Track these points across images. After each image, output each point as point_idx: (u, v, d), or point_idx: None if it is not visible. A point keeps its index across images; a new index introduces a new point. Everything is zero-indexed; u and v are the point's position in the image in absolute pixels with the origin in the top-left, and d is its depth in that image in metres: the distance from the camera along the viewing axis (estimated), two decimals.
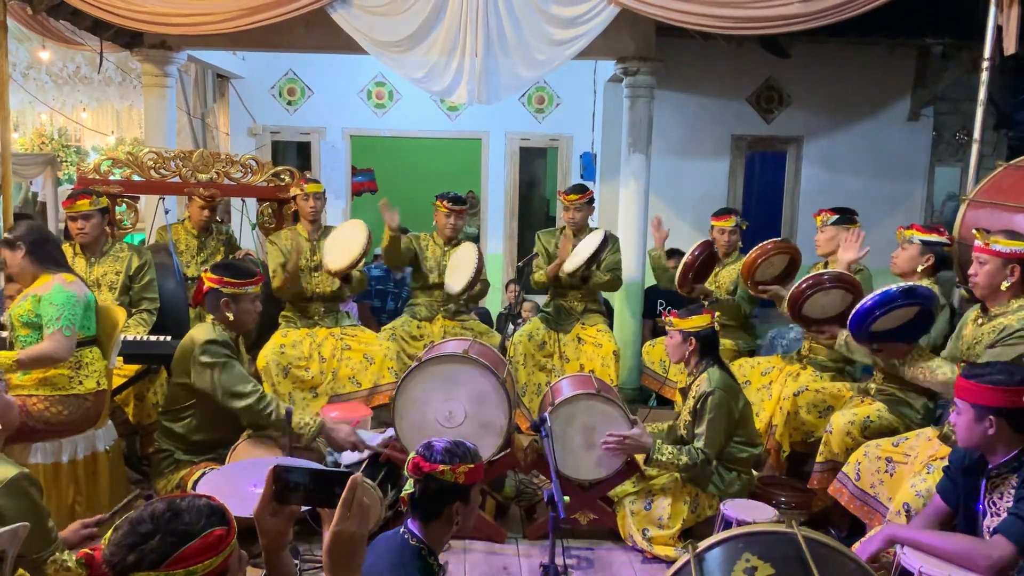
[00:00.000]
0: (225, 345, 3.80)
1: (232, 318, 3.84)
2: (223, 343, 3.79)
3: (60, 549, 2.65)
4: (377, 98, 8.82)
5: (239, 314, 3.85)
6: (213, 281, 3.82)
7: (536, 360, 5.65)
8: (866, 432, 4.04)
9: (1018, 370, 2.80)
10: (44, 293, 3.68)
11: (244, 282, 3.82)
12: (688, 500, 4.11)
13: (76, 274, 3.89)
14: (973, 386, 2.76)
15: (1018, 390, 2.69)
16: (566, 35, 5.44)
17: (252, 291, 3.86)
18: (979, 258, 3.40)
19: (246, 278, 3.84)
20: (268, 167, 5.67)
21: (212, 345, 3.75)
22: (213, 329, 3.82)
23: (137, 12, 5.38)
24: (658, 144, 6.80)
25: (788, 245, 5.08)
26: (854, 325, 3.58)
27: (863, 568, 2.01)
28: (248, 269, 3.93)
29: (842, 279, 4.27)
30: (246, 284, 3.83)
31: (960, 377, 2.86)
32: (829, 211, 4.96)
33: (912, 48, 7.62)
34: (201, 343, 3.76)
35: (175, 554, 1.41)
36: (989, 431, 2.69)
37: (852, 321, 3.58)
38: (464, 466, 2.38)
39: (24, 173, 9.03)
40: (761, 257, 4.91)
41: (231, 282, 3.80)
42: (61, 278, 3.74)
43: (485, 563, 4.05)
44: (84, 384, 3.75)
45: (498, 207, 9.12)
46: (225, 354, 3.77)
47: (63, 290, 3.69)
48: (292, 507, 1.66)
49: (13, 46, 7.44)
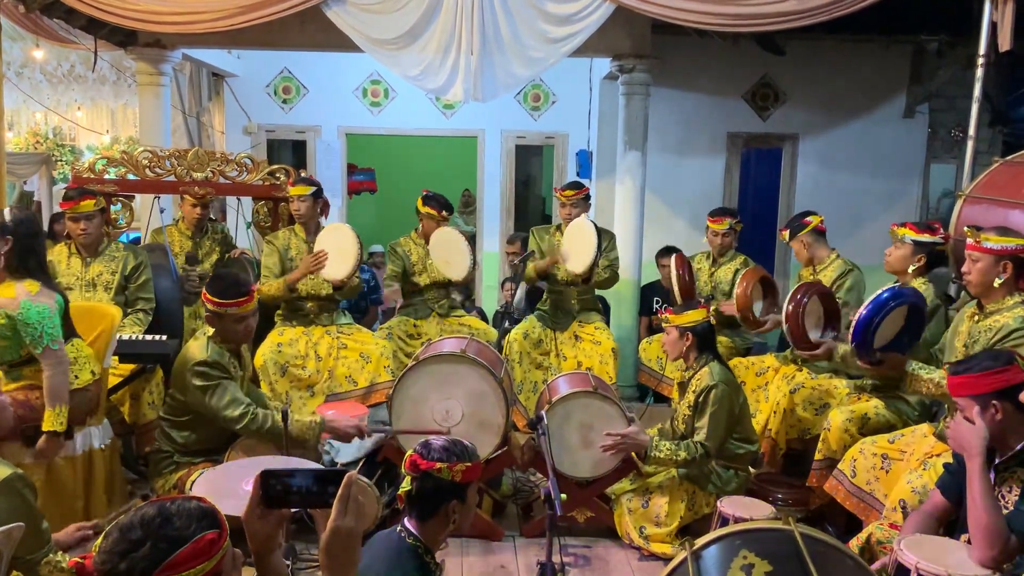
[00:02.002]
0: (216, 365, 3.74)
1: (218, 333, 3.81)
2: (214, 364, 3.73)
3: (53, 551, 2.65)
4: (372, 96, 8.81)
5: (222, 332, 3.81)
6: (204, 295, 3.81)
7: (533, 358, 5.65)
8: (864, 429, 4.04)
9: (1000, 353, 2.83)
10: (12, 311, 3.49)
11: (224, 302, 3.73)
12: (685, 498, 4.11)
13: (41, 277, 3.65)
14: (966, 379, 2.76)
15: (1009, 368, 2.70)
16: (562, 32, 5.44)
17: (234, 312, 3.75)
18: (971, 255, 3.39)
19: (228, 298, 3.74)
20: (263, 166, 5.66)
21: (202, 367, 3.72)
22: (207, 347, 3.76)
23: (131, 10, 5.37)
24: (654, 142, 6.80)
25: (750, 271, 5.13)
26: (857, 339, 3.54)
27: (860, 565, 2.01)
28: (236, 288, 3.78)
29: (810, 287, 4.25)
30: (225, 305, 3.74)
31: (950, 376, 2.86)
32: (783, 229, 5.10)
33: (907, 45, 7.63)
34: (192, 364, 3.73)
35: (166, 560, 1.40)
36: (997, 417, 2.68)
37: (854, 336, 3.55)
38: (461, 464, 2.37)
39: (19, 172, 9.03)
40: (744, 294, 4.95)
41: (211, 299, 3.75)
42: (24, 290, 3.53)
43: (482, 561, 4.06)
44: (80, 377, 3.72)
45: (494, 205, 9.11)
46: (216, 375, 3.74)
47: (32, 306, 3.50)
48: (281, 511, 1.65)
49: (7, 45, 7.42)
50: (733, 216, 5.73)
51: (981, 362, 2.77)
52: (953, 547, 2.71)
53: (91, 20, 5.83)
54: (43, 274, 3.70)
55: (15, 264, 3.59)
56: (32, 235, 3.70)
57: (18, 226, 3.62)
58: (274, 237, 5.29)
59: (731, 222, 5.67)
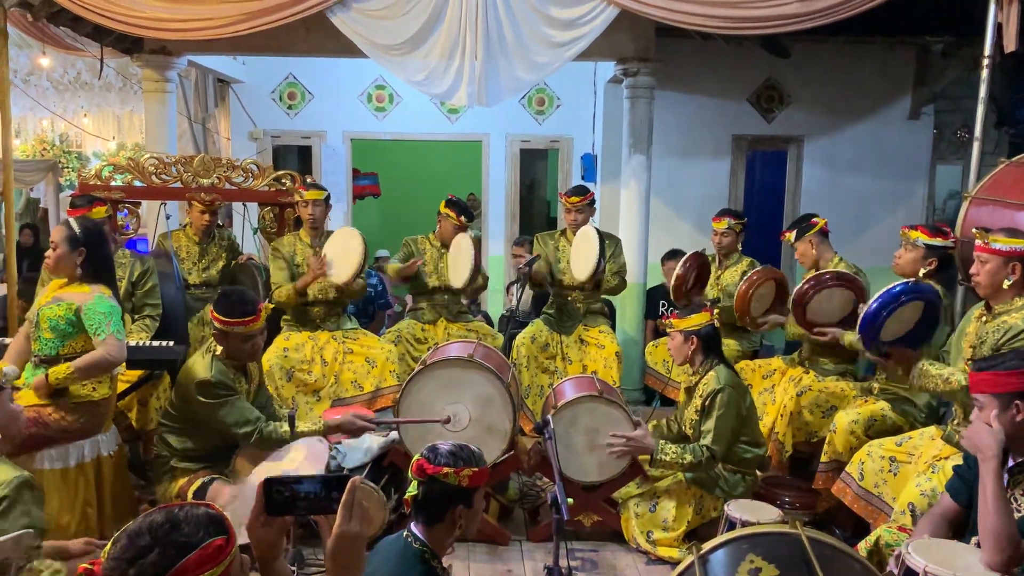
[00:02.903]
0: (219, 385, 3.75)
1: (225, 351, 3.82)
2: (217, 383, 3.74)
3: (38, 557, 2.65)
4: (377, 101, 8.83)
5: (229, 350, 3.82)
6: (211, 313, 3.83)
7: (539, 362, 5.64)
8: (870, 431, 4.03)
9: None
10: (85, 303, 3.63)
11: (231, 321, 3.74)
12: (692, 502, 4.10)
13: (113, 287, 3.84)
14: (991, 376, 2.71)
15: None
16: (566, 37, 5.44)
17: (241, 331, 3.76)
18: (980, 257, 3.39)
19: (234, 317, 3.74)
20: (269, 171, 5.67)
21: (206, 387, 3.73)
22: (210, 366, 3.76)
23: (137, 18, 5.38)
24: (659, 145, 6.80)
25: (770, 271, 5.11)
26: (864, 331, 3.54)
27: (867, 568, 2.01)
28: (243, 307, 3.78)
29: (842, 277, 4.28)
30: (232, 324, 3.74)
31: (973, 372, 2.82)
32: (788, 231, 5.05)
33: (912, 46, 7.62)
34: (195, 384, 3.74)
35: (174, 567, 1.40)
36: (1017, 418, 2.66)
37: (861, 327, 3.55)
38: (468, 469, 2.38)
39: (26, 180, 9.07)
40: (751, 289, 4.95)
41: (218, 317, 3.76)
42: (100, 290, 3.71)
43: (489, 566, 4.05)
44: (98, 391, 3.75)
45: (499, 209, 9.12)
46: (221, 395, 3.75)
47: (106, 300, 3.67)
48: (284, 518, 1.65)
49: (14, 52, 7.46)
50: (735, 217, 5.73)
51: (1008, 360, 2.72)
52: (962, 550, 2.69)
53: (97, 27, 5.86)
54: (112, 285, 3.82)
55: (90, 273, 3.73)
56: (101, 244, 3.80)
57: (89, 236, 3.74)
58: (280, 244, 5.31)
59: (731, 222, 5.66)
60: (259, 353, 4.03)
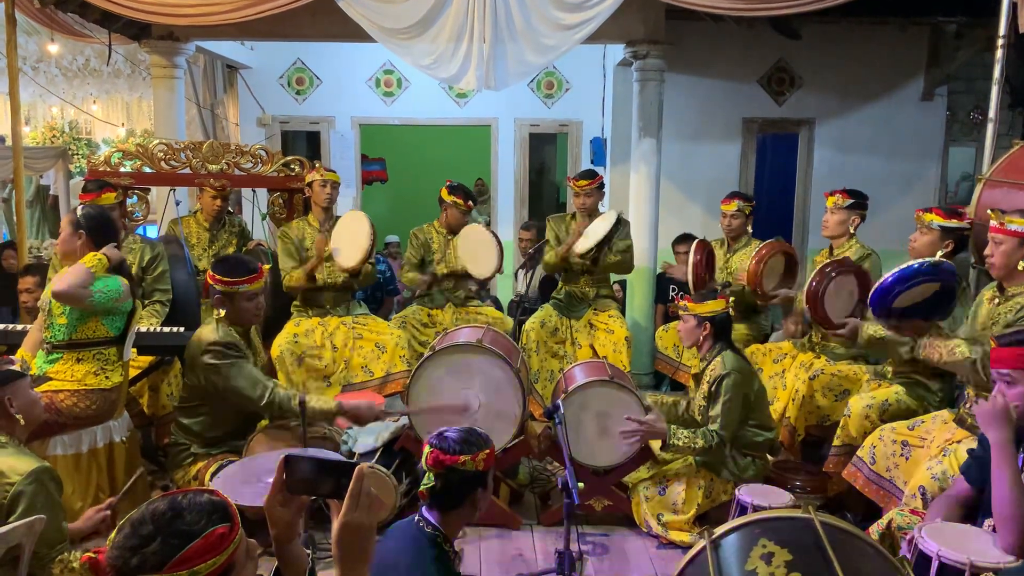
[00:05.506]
0: (229, 346, 3.77)
1: (229, 315, 3.84)
2: (226, 344, 3.77)
3: (68, 549, 2.67)
4: (386, 86, 8.79)
5: (234, 312, 3.83)
6: (210, 277, 3.85)
7: (548, 347, 5.64)
8: (884, 415, 4.01)
9: None
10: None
11: (234, 280, 3.77)
12: (703, 485, 4.10)
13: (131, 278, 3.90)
14: (1016, 351, 2.70)
15: None
16: (575, 19, 5.40)
17: (245, 289, 3.80)
18: (995, 238, 3.37)
19: (238, 276, 3.78)
20: (278, 157, 5.67)
21: (216, 347, 3.75)
22: (217, 329, 3.80)
23: (144, 4, 5.38)
24: (669, 128, 6.76)
25: (779, 244, 5.06)
26: (875, 300, 3.55)
27: (880, 552, 2.00)
28: (244, 266, 3.86)
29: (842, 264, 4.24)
30: (236, 283, 3.78)
31: (996, 347, 2.78)
32: (843, 193, 4.83)
33: (925, 27, 7.53)
34: (205, 346, 3.76)
35: (177, 556, 1.39)
36: None
37: (873, 297, 3.55)
38: (483, 453, 2.42)
39: (36, 167, 9.08)
40: (761, 263, 4.90)
41: (221, 279, 3.79)
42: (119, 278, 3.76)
43: (500, 550, 4.06)
44: (111, 378, 3.78)
45: (508, 194, 9.10)
46: (231, 355, 3.76)
47: (118, 280, 3.71)
48: (302, 498, 1.65)
49: (22, 39, 7.46)
50: (744, 199, 5.68)
51: None
52: (974, 534, 2.68)
53: (105, 14, 5.86)
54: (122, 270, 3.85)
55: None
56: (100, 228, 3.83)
57: (89, 221, 3.80)
58: (288, 228, 5.32)
59: (740, 204, 5.61)
60: (262, 314, 4.02)
